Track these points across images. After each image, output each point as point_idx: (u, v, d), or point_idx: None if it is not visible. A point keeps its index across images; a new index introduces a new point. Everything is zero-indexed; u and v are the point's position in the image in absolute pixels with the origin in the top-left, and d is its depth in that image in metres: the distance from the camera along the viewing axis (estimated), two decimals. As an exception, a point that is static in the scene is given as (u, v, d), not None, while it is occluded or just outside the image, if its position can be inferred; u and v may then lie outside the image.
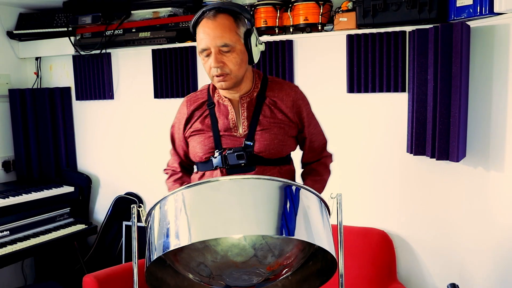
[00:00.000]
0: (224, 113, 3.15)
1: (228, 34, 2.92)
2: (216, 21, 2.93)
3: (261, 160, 3.06)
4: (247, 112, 3.13)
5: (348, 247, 4.68)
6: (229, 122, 3.12)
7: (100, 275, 4.95)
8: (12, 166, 6.36)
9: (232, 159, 3.02)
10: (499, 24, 4.05)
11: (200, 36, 2.97)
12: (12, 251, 5.01)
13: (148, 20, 5.71)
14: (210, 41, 2.92)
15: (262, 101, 3.14)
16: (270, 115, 3.12)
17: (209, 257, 2.49)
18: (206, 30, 2.94)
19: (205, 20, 2.97)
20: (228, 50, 2.93)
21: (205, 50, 2.96)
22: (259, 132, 3.08)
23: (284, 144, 3.12)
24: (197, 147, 3.17)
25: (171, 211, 2.39)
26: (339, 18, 4.80)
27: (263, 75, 3.25)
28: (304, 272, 2.86)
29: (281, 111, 3.14)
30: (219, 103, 3.18)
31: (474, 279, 4.48)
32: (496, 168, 4.16)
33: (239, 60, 2.97)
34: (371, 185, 4.98)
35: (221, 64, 2.94)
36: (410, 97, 4.57)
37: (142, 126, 6.07)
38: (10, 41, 6.31)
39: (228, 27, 2.93)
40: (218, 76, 2.97)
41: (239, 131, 3.11)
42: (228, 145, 3.09)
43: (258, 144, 3.06)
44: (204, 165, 3.16)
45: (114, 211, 6.22)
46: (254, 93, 3.16)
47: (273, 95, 3.15)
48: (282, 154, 3.14)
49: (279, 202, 2.34)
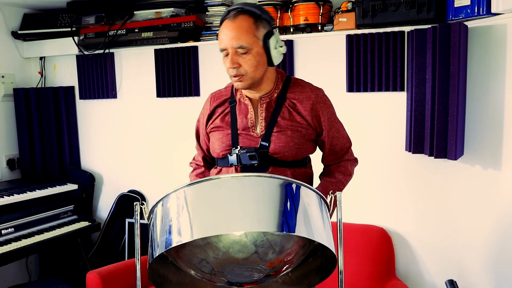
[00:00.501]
0: (244, 112, 3.15)
1: (245, 36, 2.93)
2: (235, 23, 2.95)
3: (275, 161, 3.06)
4: (266, 113, 3.12)
5: (348, 244, 4.68)
6: (248, 122, 3.12)
7: (103, 271, 4.96)
8: (17, 164, 6.37)
9: (245, 159, 3.02)
10: (496, 24, 4.06)
11: (221, 36, 2.99)
12: (17, 247, 5.01)
13: (150, 20, 5.71)
14: (227, 42, 2.94)
15: (281, 103, 3.12)
16: (288, 118, 3.10)
17: (211, 254, 2.49)
18: (225, 31, 2.96)
19: (227, 20, 3.00)
20: (244, 51, 2.93)
21: (224, 50, 2.99)
22: (275, 134, 3.06)
23: (300, 148, 3.10)
24: (215, 144, 3.18)
25: (173, 208, 2.39)
26: (338, 18, 4.80)
27: (286, 76, 3.24)
28: (304, 268, 2.87)
29: (300, 114, 3.11)
30: (240, 102, 3.19)
31: (471, 275, 4.49)
32: (493, 166, 4.17)
33: (255, 62, 2.97)
34: (370, 183, 4.98)
35: (237, 65, 2.95)
36: (408, 96, 4.58)
37: (144, 125, 6.08)
38: (14, 41, 6.32)
39: (246, 29, 2.94)
40: (235, 77, 3.00)
41: (256, 131, 3.11)
42: (245, 144, 3.09)
43: (274, 146, 3.05)
44: (222, 161, 3.17)
45: (117, 208, 6.23)
46: (275, 94, 3.15)
47: (294, 97, 3.14)
48: (297, 157, 3.12)
49: (279, 199, 2.35)
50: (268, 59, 3.04)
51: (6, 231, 5.18)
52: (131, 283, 5.08)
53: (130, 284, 5.08)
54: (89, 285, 4.92)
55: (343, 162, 3.41)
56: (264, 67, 3.05)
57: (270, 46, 3.01)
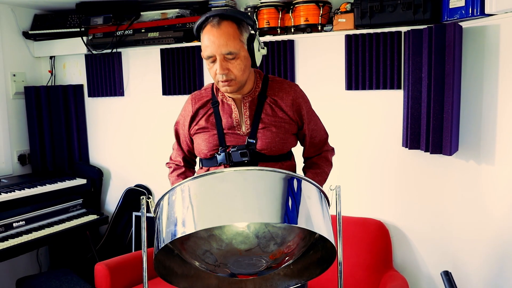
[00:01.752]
0: (228, 111, 3.14)
1: (232, 42, 2.90)
2: (221, 29, 2.90)
3: (263, 157, 3.06)
4: (250, 111, 3.12)
5: (347, 237, 4.69)
6: (233, 121, 3.11)
7: (111, 263, 4.97)
8: (28, 160, 6.37)
9: (236, 156, 3.01)
10: (490, 25, 4.06)
11: (205, 43, 2.93)
12: (28, 240, 5.02)
13: (156, 21, 5.71)
14: (215, 49, 2.90)
15: (263, 100, 3.12)
16: (271, 114, 3.10)
17: (215, 245, 2.50)
18: (211, 38, 2.90)
19: (209, 27, 2.93)
20: (233, 57, 2.91)
21: (210, 57, 2.94)
22: (261, 131, 3.07)
23: (285, 142, 3.11)
24: (202, 145, 3.16)
25: (179, 201, 2.40)
26: (338, 19, 4.80)
27: (264, 75, 3.23)
28: (305, 261, 2.87)
29: (282, 110, 3.12)
30: (223, 102, 3.17)
31: (466, 266, 4.49)
32: (487, 162, 4.17)
33: (243, 66, 2.96)
34: (368, 177, 4.99)
35: (227, 71, 2.92)
36: (405, 94, 4.58)
37: (151, 122, 6.08)
38: (25, 41, 6.32)
39: (232, 35, 2.91)
40: (224, 82, 2.96)
41: (242, 129, 3.10)
42: (232, 143, 3.08)
43: (261, 142, 3.05)
44: (209, 162, 3.16)
45: (124, 202, 6.24)
46: (256, 93, 3.14)
47: (274, 94, 3.14)
48: (283, 151, 3.13)
49: (281, 192, 2.36)
50: (252, 61, 3.04)
51: (17, 224, 5.19)
52: (137, 274, 5.09)
53: (137, 275, 5.09)
54: (98, 276, 4.93)
55: (324, 153, 3.41)
56: (249, 70, 3.06)
57: (254, 48, 3.01)
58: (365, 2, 4.56)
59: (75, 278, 5.19)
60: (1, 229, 5.03)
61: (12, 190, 5.32)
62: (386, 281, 4.57)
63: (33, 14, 6.35)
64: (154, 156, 6.04)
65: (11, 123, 6.18)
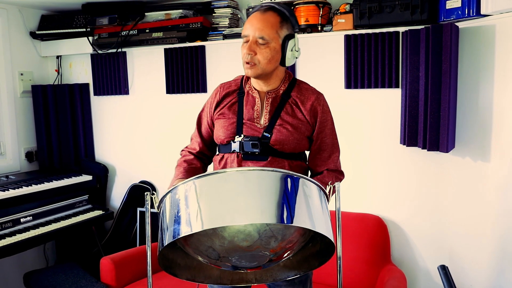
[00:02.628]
0: (251, 103, 3.16)
1: (269, 29, 2.97)
2: (264, 16, 3.00)
3: (275, 152, 3.06)
4: (271, 106, 3.13)
5: (346, 232, 4.69)
6: (254, 112, 3.13)
7: (116, 257, 4.99)
8: (35, 157, 6.38)
9: (248, 146, 3.03)
10: (485, 25, 4.07)
11: (246, 25, 3.03)
12: (35, 235, 5.03)
13: (160, 21, 5.71)
14: (251, 30, 2.99)
15: (286, 99, 3.14)
16: (291, 113, 3.11)
17: (217, 242, 2.51)
18: (252, 20, 3.01)
19: (256, 12, 3.04)
20: (263, 43, 2.97)
21: (245, 37, 3.02)
22: (277, 127, 3.07)
23: (298, 143, 3.10)
24: (220, 130, 3.18)
25: (182, 199, 2.40)
26: (337, 19, 4.80)
27: (293, 77, 3.26)
28: (304, 253, 2.88)
29: (301, 112, 3.12)
30: (248, 94, 3.20)
31: (462, 260, 4.49)
32: (483, 159, 4.18)
33: (269, 56, 3.00)
34: (367, 174, 4.99)
35: (253, 53, 2.98)
36: (403, 93, 4.58)
37: (155, 119, 6.09)
38: (33, 41, 6.33)
39: (271, 24, 2.99)
40: (247, 63, 3.02)
41: (260, 122, 3.11)
42: (248, 133, 3.09)
43: (275, 137, 3.05)
44: (224, 147, 3.17)
45: (129, 198, 6.25)
46: (280, 91, 3.16)
47: (297, 96, 3.15)
48: (295, 150, 3.12)
49: (281, 192, 2.36)
50: (282, 58, 3.07)
51: (25, 219, 5.20)
52: (142, 268, 5.11)
53: (141, 269, 5.10)
54: (103, 270, 4.95)
55: (326, 172, 3.25)
56: (276, 64, 3.08)
57: (288, 47, 3.05)
58: (364, 3, 4.56)
59: (81, 272, 5.20)
60: (9, 224, 5.04)
61: (20, 186, 5.33)
62: (384, 275, 4.57)
63: (40, 15, 6.36)
64: (158, 153, 6.05)
65: (19, 121, 6.19)
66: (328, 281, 4.77)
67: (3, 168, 6.01)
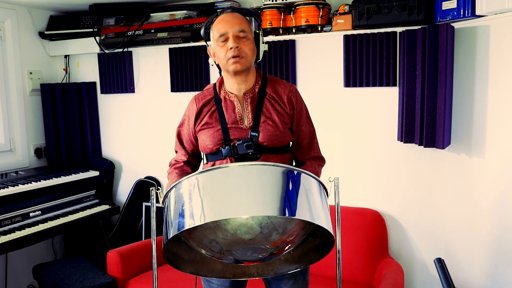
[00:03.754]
0: (231, 107, 3.14)
1: (244, 24, 3.00)
2: (234, 14, 3.02)
3: (265, 149, 3.05)
4: (251, 106, 3.12)
5: (345, 226, 4.69)
6: (236, 115, 3.11)
7: (122, 250, 5.00)
8: (44, 153, 6.39)
9: (242, 149, 3.00)
10: (480, 25, 4.07)
11: (218, 26, 3.00)
12: (44, 229, 5.04)
13: (165, 21, 5.72)
14: (229, 27, 2.97)
15: (263, 96, 3.13)
16: (271, 108, 3.11)
17: (220, 235, 2.51)
18: (225, 19, 3.00)
19: (223, 15, 3.04)
20: (244, 36, 2.98)
21: (223, 35, 2.99)
22: (262, 124, 3.07)
23: (284, 135, 3.10)
24: (207, 140, 3.15)
25: (186, 193, 2.40)
26: (336, 20, 4.80)
27: (263, 74, 3.26)
28: (304, 247, 2.88)
29: (280, 105, 3.12)
30: (225, 99, 3.18)
31: (458, 254, 4.50)
32: (478, 155, 4.19)
33: (252, 47, 3.03)
34: (365, 169, 4.99)
35: (238, 45, 2.96)
36: (400, 91, 4.58)
37: (160, 117, 6.10)
38: (41, 41, 6.33)
39: (243, 20, 3.02)
40: (234, 57, 2.98)
41: (245, 123, 3.10)
42: (235, 136, 3.08)
43: (262, 134, 3.05)
44: (214, 156, 3.14)
45: (135, 193, 6.25)
46: (256, 89, 3.16)
47: (272, 91, 3.15)
48: (283, 143, 3.12)
49: (282, 186, 2.36)
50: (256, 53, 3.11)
51: (34, 213, 5.20)
52: (147, 261, 5.11)
53: (146, 262, 5.11)
54: (110, 263, 4.96)
55: (308, 161, 3.28)
56: (255, 57, 3.11)
57: (260, 40, 3.11)
58: (363, 4, 4.56)
59: (88, 265, 5.20)
60: (19, 219, 5.05)
61: (29, 182, 5.34)
62: (382, 268, 4.58)
63: (48, 15, 6.37)
64: (163, 149, 6.04)
65: (28, 118, 6.20)
66: (327, 273, 4.78)
67: (13, 164, 6.02)
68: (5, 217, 4.93)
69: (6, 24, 5.85)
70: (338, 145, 4.77)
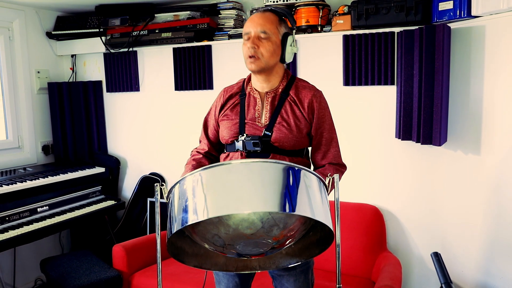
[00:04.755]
0: (252, 103, 3.16)
1: (269, 24, 3.01)
2: (263, 14, 3.05)
3: (276, 149, 3.06)
4: (271, 106, 3.12)
5: (344, 221, 4.70)
6: (255, 112, 3.13)
7: (127, 244, 5.01)
8: (51, 150, 6.39)
9: (249, 145, 3.04)
10: (475, 26, 4.08)
11: (247, 24, 3.06)
12: (51, 224, 5.06)
13: (169, 22, 5.72)
14: (252, 26, 3.02)
15: (284, 98, 3.13)
16: (290, 112, 3.10)
17: (223, 230, 2.51)
18: (253, 18, 3.05)
19: (255, 13, 3.09)
20: (265, 37, 3.00)
21: (246, 34, 3.04)
22: (277, 125, 3.07)
23: (297, 140, 3.09)
24: (224, 131, 3.19)
25: (189, 189, 2.40)
26: (336, 20, 4.80)
27: (291, 75, 3.25)
28: (305, 241, 2.88)
29: (300, 110, 3.11)
30: (249, 95, 3.19)
31: (454, 248, 4.50)
32: (473, 152, 4.19)
33: (271, 49, 3.02)
34: (364, 166, 5.00)
35: (256, 46, 2.99)
36: (398, 90, 4.58)
37: (164, 115, 6.10)
38: (49, 41, 6.34)
39: (271, 20, 3.03)
40: (251, 57, 3.02)
41: (261, 121, 3.11)
42: (250, 132, 3.10)
43: (275, 135, 3.05)
44: (230, 146, 3.18)
45: (140, 189, 6.26)
46: (279, 90, 3.15)
47: (295, 94, 3.14)
48: (295, 148, 3.11)
49: (283, 182, 2.35)
50: (282, 54, 3.09)
51: (41, 209, 5.22)
52: (152, 255, 5.12)
53: (151, 255, 5.12)
54: (115, 257, 4.97)
55: (327, 165, 3.22)
56: (277, 59, 3.09)
57: (287, 42, 3.07)
58: (361, 4, 4.56)
59: (95, 259, 5.21)
60: (27, 214, 5.07)
61: (37, 178, 5.34)
62: (381, 262, 4.59)
63: (55, 16, 6.37)
64: (167, 146, 6.07)
65: (36, 116, 6.20)
66: (327, 267, 4.79)
67: (21, 160, 6.03)
68: (14, 212, 4.96)
69: (15, 24, 5.86)
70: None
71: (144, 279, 4.83)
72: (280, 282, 3.27)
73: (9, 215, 4.91)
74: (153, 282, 4.73)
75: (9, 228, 4.80)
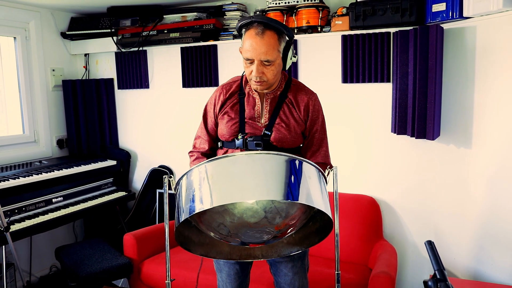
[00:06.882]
0: (251, 104, 3.14)
1: (272, 51, 2.89)
2: (264, 39, 2.88)
3: (275, 148, 3.05)
4: (270, 106, 3.12)
5: (342, 211, 4.70)
6: (255, 112, 3.12)
7: (137, 233, 5.01)
8: (65, 144, 6.39)
9: (251, 145, 3.03)
10: (467, 26, 4.09)
11: (247, 47, 2.92)
12: (65, 213, 5.07)
13: (177, 23, 5.72)
14: (256, 55, 2.89)
15: (283, 99, 3.12)
16: (288, 113, 3.10)
17: (228, 219, 2.52)
18: (254, 45, 2.89)
19: (254, 33, 2.92)
20: (269, 64, 2.92)
21: (249, 60, 2.94)
22: (277, 125, 3.07)
23: (295, 139, 3.11)
24: (223, 130, 3.17)
25: (196, 180, 2.42)
26: (335, 21, 4.80)
27: (288, 78, 3.23)
28: (305, 230, 2.89)
29: (297, 111, 3.11)
30: (248, 95, 3.17)
31: (447, 236, 4.51)
32: (465, 145, 4.20)
33: (276, 72, 2.98)
34: (361, 159, 4.99)
35: (262, 74, 2.93)
36: (393, 87, 4.57)
37: (172, 110, 6.11)
38: (63, 40, 6.34)
39: (273, 46, 2.90)
40: (257, 82, 2.97)
41: (261, 121, 3.10)
42: (250, 131, 3.10)
43: (275, 135, 3.05)
44: (228, 144, 3.16)
45: (149, 180, 6.26)
46: (278, 92, 3.14)
47: (293, 96, 3.13)
48: (293, 146, 3.12)
49: (285, 173, 2.37)
50: (283, 66, 3.05)
51: (56, 199, 5.23)
52: (160, 243, 5.12)
53: (159, 244, 5.12)
54: (126, 245, 4.97)
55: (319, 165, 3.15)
56: (280, 73, 3.08)
57: (288, 56, 3.02)
58: (359, 6, 4.56)
59: (106, 247, 5.22)
60: (42, 204, 5.08)
61: (52, 170, 5.35)
62: (377, 249, 4.59)
63: (69, 17, 6.36)
64: (175, 140, 6.07)
65: (51, 112, 6.21)
66: (326, 254, 4.79)
67: (37, 154, 6.04)
68: (30, 203, 4.97)
69: (31, 25, 5.86)
70: (336, 137, 4.75)
71: (154, 266, 4.83)
72: (278, 268, 3.27)
73: (26, 205, 4.92)
74: (161, 269, 4.74)
75: (25, 218, 4.81)
